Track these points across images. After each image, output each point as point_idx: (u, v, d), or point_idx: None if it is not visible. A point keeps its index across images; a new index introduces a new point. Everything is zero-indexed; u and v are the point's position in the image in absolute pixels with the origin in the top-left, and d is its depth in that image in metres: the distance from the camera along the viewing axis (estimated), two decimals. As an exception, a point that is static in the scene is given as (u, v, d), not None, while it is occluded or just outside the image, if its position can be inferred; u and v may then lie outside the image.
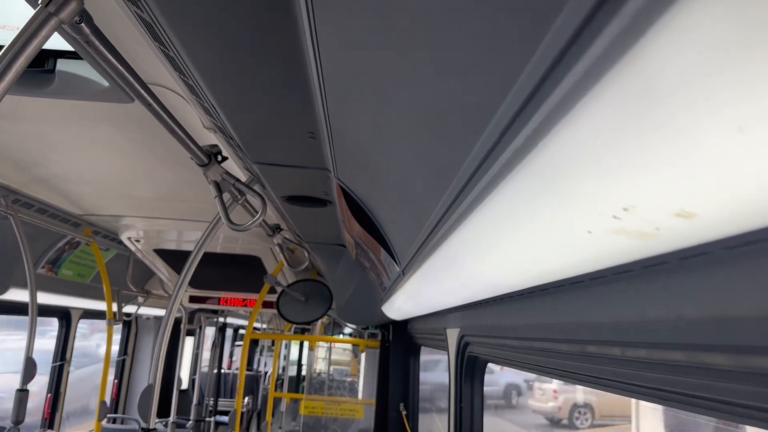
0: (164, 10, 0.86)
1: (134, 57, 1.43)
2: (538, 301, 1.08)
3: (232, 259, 4.52)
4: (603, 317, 0.79)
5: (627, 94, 0.31)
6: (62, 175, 2.79)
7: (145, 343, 7.07)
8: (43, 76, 1.59)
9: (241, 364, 4.81)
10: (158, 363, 2.24)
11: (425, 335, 3.35)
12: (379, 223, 1.65)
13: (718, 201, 0.33)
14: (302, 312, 4.36)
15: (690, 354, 0.58)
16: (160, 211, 3.48)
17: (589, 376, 0.94)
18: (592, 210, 0.43)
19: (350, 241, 2.63)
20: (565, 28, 0.35)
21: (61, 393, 5.24)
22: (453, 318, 2.16)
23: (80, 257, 4.32)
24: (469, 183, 0.68)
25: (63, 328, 5.33)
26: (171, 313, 2.28)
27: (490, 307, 1.50)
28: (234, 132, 1.40)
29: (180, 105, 1.69)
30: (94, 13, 0.95)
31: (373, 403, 4.66)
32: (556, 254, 0.61)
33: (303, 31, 0.86)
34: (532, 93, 0.42)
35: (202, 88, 1.15)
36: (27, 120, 2.05)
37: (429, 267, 1.19)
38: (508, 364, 1.57)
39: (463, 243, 0.84)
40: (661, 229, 0.39)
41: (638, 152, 0.34)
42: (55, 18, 0.82)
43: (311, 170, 1.69)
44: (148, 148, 2.31)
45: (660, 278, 0.61)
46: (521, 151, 0.46)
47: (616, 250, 0.49)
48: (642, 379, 0.74)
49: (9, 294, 3.72)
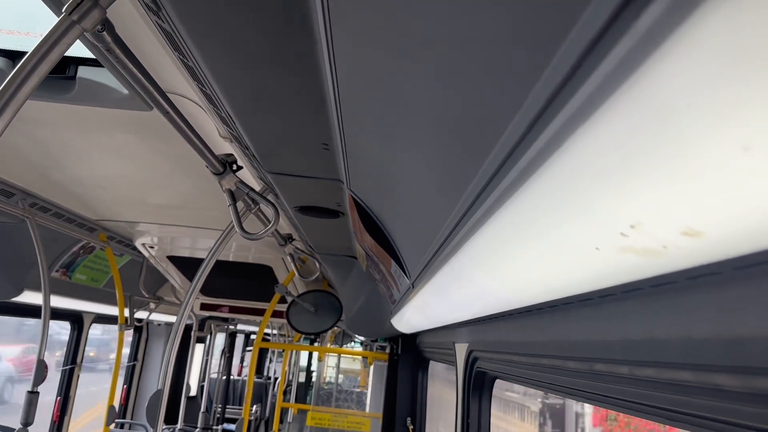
0: (184, 20, 0.88)
1: (154, 66, 1.46)
2: (546, 318, 1.08)
3: (244, 268, 4.54)
4: (612, 335, 0.79)
5: (635, 111, 0.32)
6: (79, 180, 2.82)
7: (155, 349, 7.10)
8: (64, 82, 1.62)
9: (249, 372, 4.81)
10: (167, 369, 2.25)
11: (434, 349, 3.34)
12: (390, 236, 1.66)
13: (724, 220, 0.33)
14: (312, 322, 4.36)
15: (698, 374, 0.58)
16: (175, 219, 3.51)
17: (598, 395, 0.93)
18: (600, 226, 0.44)
19: (361, 252, 2.63)
20: (575, 46, 0.35)
21: (71, 397, 5.27)
22: (462, 333, 2.15)
23: (94, 262, 4.36)
24: (479, 197, 0.68)
25: (74, 332, 5.37)
26: (182, 320, 2.29)
27: (499, 323, 1.49)
28: (249, 141, 1.42)
29: (197, 114, 1.71)
30: (115, 22, 0.97)
31: (380, 417, 4.64)
32: (565, 270, 0.61)
33: (319, 43, 0.87)
34: (543, 108, 0.42)
35: (220, 97, 1.17)
36: (47, 125, 2.08)
37: (439, 280, 1.19)
38: (517, 380, 1.56)
39: (473, 257, 0.85)
40: (668, 247, 0.39)
41: (645, 170, 0.34)
42: (78, 26, 0.84)
43: (324, 181, 1.70)
44: (165, 155, 2.33)
45: (669, 297, 0.61)
46: (531, 166, 0.47)
47: (623, 267, 0.49)
48: (650, 398, 0.74)
49: (23, 296, 3.75)
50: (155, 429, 2.25)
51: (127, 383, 6.85)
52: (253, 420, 8.95)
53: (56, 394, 5.26)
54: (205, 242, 3.95)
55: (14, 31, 1.49)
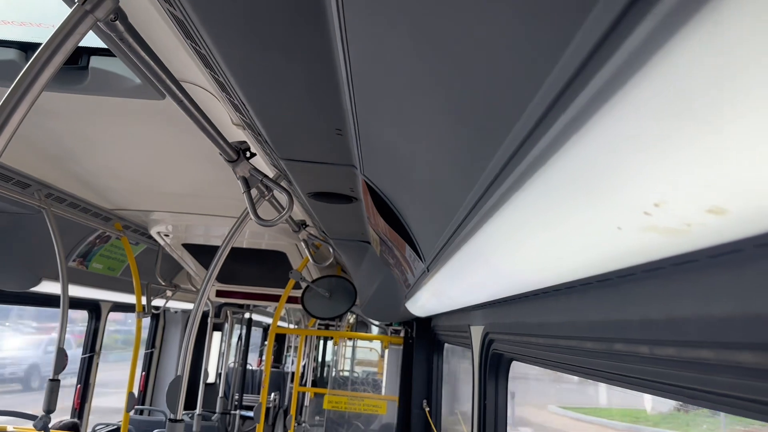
0: (197, 7, 0.87)
1: (166, 54, 1.46)
2: (563, 299, 1.08)
3: (258, 255, 4.56)
4: (631, 315, 0.78)
5: (659, 90, 0.32)
6: (94, 170, 2.84)
7: (172, 337, 7.18)
8: (77, 72, 1.62)
9: (266, 357, 4.86)
10: (186, 355, 2.28)
11: (449, 332, 3.35)
12: (405, 220, 1.66)
13: (751, 197, 0.33)
14: (326, 308, 4.38)
15: (719, 352, 0.58)
16: (189, 207, 3.53)
17: (616, 374, 0.93)
18: (622, 206, 0.43)
19: (375, 237, 2.64)
20: (597, 25, 0.35)
21: (90, 384, 5.35)
22: (477, 315, 2.16)
23: (110, 251, 4.41)
24: (497, 179, 0.68)
25: (93, 321, 5.44)
26: (199, 307, 2.31)
27: (515, 305, 1.49)
28: (262, 128, 1.42)
29: (210, 102, 1.72)
30: (128, 10, 0.97)
31: (396, 400, 4.67)
32: (585, 251, 0.61)
33: (333, 29, 0.87)
34: (563, 89, 0.42)
35: (232, 85, 1.17)
36: (60, 116, 2.10)
37: (454, 263, 1.19)
38: (533, 362, 1.57)
39: (490, 240, 0.85)
40: (692, 225, 0.39)
41: (670, 148, 0.34)
42: (91, 15, 0.84)
43: (338, 167, 1.71)
44: (178, 144, 2.34)
45: (689, 276, 0.61)
46: (551, 147, 0.47)
47: (646, 246, 0.49)
48: (670, 377, 0.74)
49: (41, 286, 3.80)
50: (175, 414, 2.28)
51: (145, 370, 6.95)
52: (272, 408, 9.05)
53: (76, 382, 5.35)
54: (220, 230, 3.97)
55: (26, 23, 1.50)
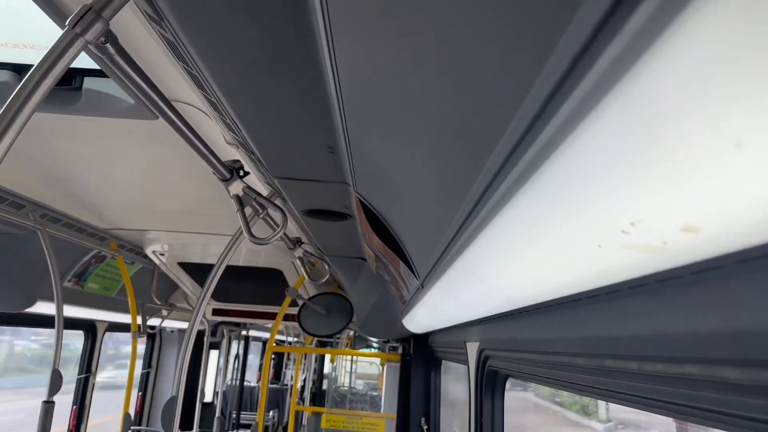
0: (186, 29, 0.88)
1: (159, 74, 1.47)
2: (556, 315, 1.08)
3: (255, 272, 4.56)
4: (620, 331, 0.79)
5: (629, 110, 0.32)
6: (89, 190, 2.85)
7: (168, 356, 7.13)
8: (70, 93, 1.63)
9: (263, 376, 4.83)
10: (181, 375, 2.27)
11: (446, 349, 3.34)
12: (398, 236, 1.66)
13: (721, 215, 0.33)
14: (323, 325, 4.37)
15: (705, 368, 0.58)
16: (184, 225, 3.53)
17: (607, 390, 0.93)
18: (600, 224, 0.44)
19: (370, 254, 2.64)
20: (569, 48, 0.36)
21: (86, 405, 5.31)
22: (473, 331, 2.16)
23: (106, 271, 4.40)
24: (483, 197, 0.68)
25: (89, 341, 5.41)
26: (194, 326, 2.30)
27: (509, 321, 1.49)
28: (255, 147, 1.42)
29: (203, 121, 1.73)
30: (119, 32, 0.98)
31: (394, 417, 4.64)
32: (570, 267, 0.61)
33: (321, 48, 0.88)
34: (539, 110, 0.42)
35: (224, 104, 1.18)
36: (55, 137, 2.10)
37: (447, 279, 1.19)
38: (527, 378, 1.56)
39: (480, 255, 0.85)
40: (669, 243, 0.40)
41: (642, 167, 0.34)
42: (82, 38, 0.85)
43: (331, 184, 1.71)
44: (172, 163, 2.35)
45: (674, 292, 0.61)
46: (531, 166, 0.47)
47: (627, 263, 0.49)
48: (659, 393, 0.74)
49: (36, 307, 3.79)
50: (170, 435, 2.26)
51: (141, 390, 6.89)
52: (270, 425, 8.97)
53: (72, 403, 5.30)
54: (215, 248, 3.97)
55: (20, 45, 1.51)
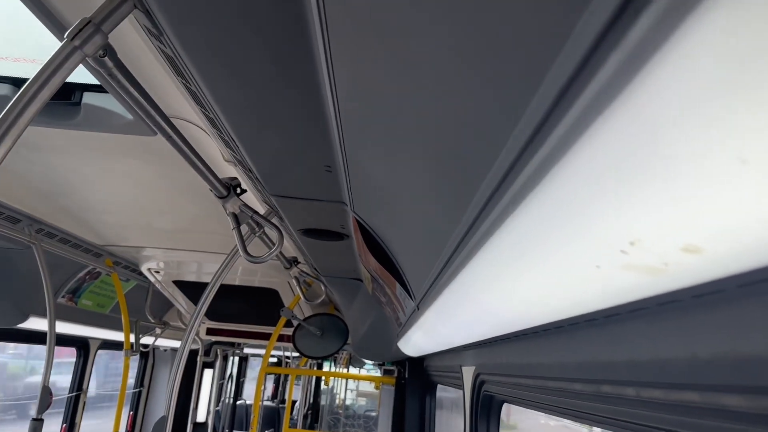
0: (185, 45, 0.88)
1: (158, 90, 1.47)
2: (553, 339, 1.07)
3: (250, 292, 4.53)
4: (618, 356, 0.77)
5: (628, 127, 0.31)
6: (86, 205, 2.83)
7: (162, 375, 7.05)
8: (69, 108, 1.63)
9: (255, 396, 4.77)
10: (172, 395, 2.23)
11: (441, 372, 3.31)
12: (395, 257, 1.65)
13: (724, 235, 0.32)
14: (318, 346, 4.33)
15: (705, 395, 0.57)
16: (180, 243, 3.51)
17: (605, 417, 0.92)
18: (599, 244, 0.43)
19: (366, 275, 2.62)
20: (567, 63, 0.35)
21: (77, 423, 5.23)
22: (469, 355, 2.13)
23: (100, 287, 4.36)
24: (480, 216, 0.68)
25: (81, 359, 5.35)
26: (186, 345, 2.27)
27: (506, 345, 1.47)
28: (252, 164, 1.42)
29: (201, 138, 1.72)
30: (118, 46, 0.98)
31: (388, 442, 4.58)
32: (567, 290, 0.60)
33: (319, 66, 0.87)
34: (536, 129, 0.42)
35: (222, 121, 1.17)
36: (53, 151, 2.10)
37: (443, 302, 1.18)
38: (523, 404, 1.54)
39: (475, 278, 0.84)
40: (670, 264, 0.39)
41: (642, 185, 0.33)
42: (80, 51, 0.85)
43: (328, 203, 1.70)
44: (170, 180, 2.34)
45: (674, 316, 0.60)
46: (528, 185, 0.46)
47: (626, 285, 0.48)
48: (658, 420, 0.72)
49: (29, 323, 3.75)
50: (160, 456, 2.22)
51: (133, 410, 6.80)
52: None
53: (62, 422, 5.23)
54: (212, 266, 3.95)
55: (20, 59, 1.51)
